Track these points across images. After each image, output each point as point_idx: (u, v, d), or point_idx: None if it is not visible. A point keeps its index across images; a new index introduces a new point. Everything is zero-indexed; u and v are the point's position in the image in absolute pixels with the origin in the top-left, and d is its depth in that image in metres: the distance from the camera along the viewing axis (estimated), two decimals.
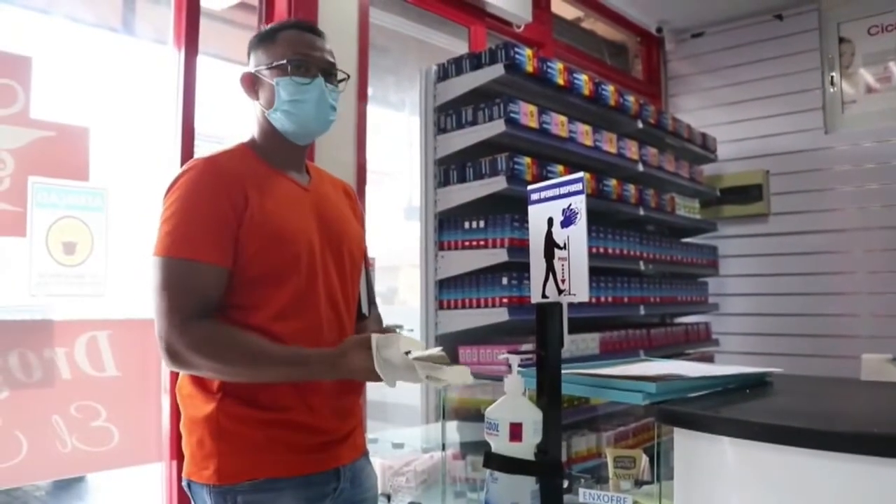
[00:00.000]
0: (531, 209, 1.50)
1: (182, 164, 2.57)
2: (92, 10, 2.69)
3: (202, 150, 2.69)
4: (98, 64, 2.60)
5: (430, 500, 2.41)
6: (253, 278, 1.53)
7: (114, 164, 2.45)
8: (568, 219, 1.41)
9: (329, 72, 1.68)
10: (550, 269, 1.45)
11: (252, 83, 1.69)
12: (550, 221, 1.45)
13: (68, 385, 2.29)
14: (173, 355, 1.46)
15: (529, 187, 1.50)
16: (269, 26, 1.73)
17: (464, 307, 3.19)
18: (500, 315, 3.04)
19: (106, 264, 2.37)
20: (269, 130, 1.68)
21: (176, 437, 2.49)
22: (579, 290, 1.38)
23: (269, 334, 1.52)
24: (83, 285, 2.31)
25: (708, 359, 4.63)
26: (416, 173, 3.38)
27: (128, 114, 2.62)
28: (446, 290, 3.25)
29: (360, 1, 3.24)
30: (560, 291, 1.41)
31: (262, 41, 1.68)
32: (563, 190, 1.42)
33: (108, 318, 2.39)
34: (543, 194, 1.47)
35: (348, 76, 1.74)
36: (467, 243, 3.18)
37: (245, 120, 3.02)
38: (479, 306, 3.15)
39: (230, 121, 3.06)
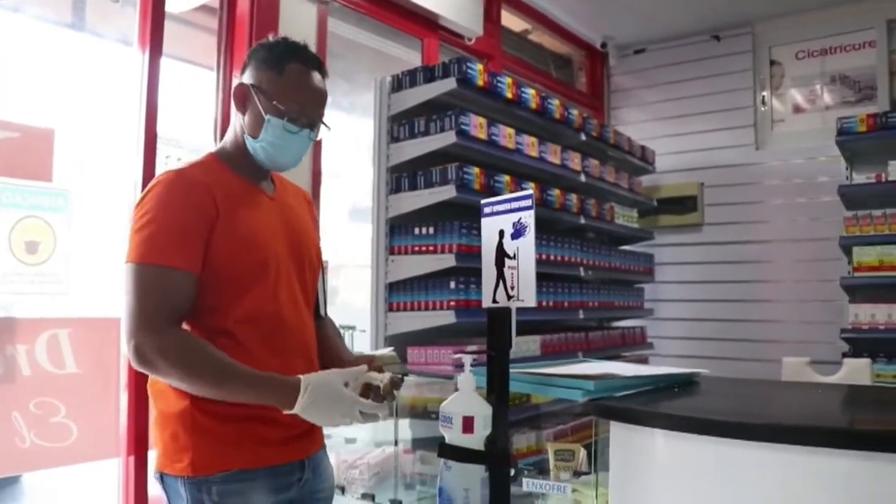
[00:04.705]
0: (484, 221, 1.62)
1: (144, 166, 2.65)
2: (57, 10, 2.72)
3: (163, 152, 2.75)
4: (62, 65, 2.63)
5: (382, 492, 2.53)
6: (224, 282, 1.61)
7: (77, 166, 2.50)
8: (518, 231, 1.54)
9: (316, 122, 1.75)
10: (501, 276, 1.57)
11: (244, 98, 1.71)
12: (501, 233, 1.58)
13: (28, 382, 2.33)
14: (141, 357, 1.51)
15: (483, 201, 1.62)
16: (277, 45, 1.72)
17: (413, 310, 3.30)
18: (447, 317, 3.17)
19: (68, 264, 2.42)
20: (242, 145, 1.74)
21: (134, 434, 2.57)
22: (527, 296, 1.51)
23: (236, 337, 1.60)
24: (45, 284, 2.36)
25: (643, 361, 4.82)
26: (363, 177, 3.46)
27: (92, 116, 2.65)
28: (396, 293, 3.36)
29: (319, 11, 3.33)
30: (509, 297, 1.54)
31: (268, 66, 1.69)
32: (514, 205, 1.55)
33: (68, 316, 2.44)
34: (496, 208, 1.59)
35: (329, 128, 1.79)
36: (417, 248, 3.29)
37: (202, 123, 3.10)
38: (427, 309, 3.26)
39: (188, 123, 3.12)
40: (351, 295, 4.28)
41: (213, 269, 1.59)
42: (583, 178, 4.14)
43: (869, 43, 5.01)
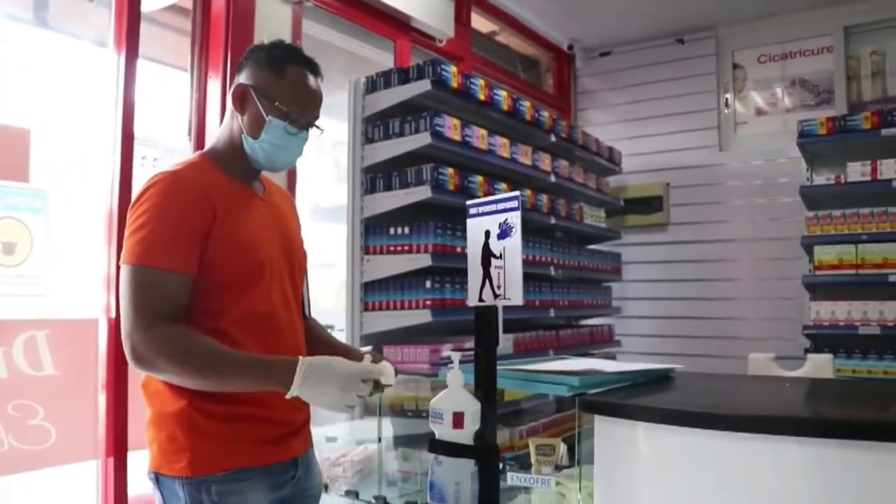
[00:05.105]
0: (470, 222, 1.66)
1: (122, 166, 2.64)
2: (30, 9, 2.69)
3: (138, 152, 2.74)
4: (38, 65, 2.61)
5: (365, 489, 2.56)
6: (221, 283, 1.61)
7: (54, 166, 2.48)
8: (504, 232, 1.59)
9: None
10: (487, 275, 1.61)
11: (243, 98, 1.71)
12: (487, 234, 1.62)
13: (6, 384, 2.31)
14: (138, 357, 1.51)
15: (468, 202, 1.65)
16: (277, 47, 1.74)
17: (388, 309, 3.33)
18: (423, 316, 3.20)
19: (45, 265, 2.40)
20: (238, 146, 1.74)
21: (113, 435, 2.55)
22: (514, 294, 1.55)
23: (232, 337, 1.61)
24: (22, 285, 2.34)
25: (611, 358, 4.90)
26: (326, 177, 3.46)
27: (69, 116, 2.63)
28: (371, 293, 3.38)
29: (294, 12, 3.35)
30: (496, 296, 1.58)
31: (269, 66, 1.70)
32: (500, 206, 1.59)
33: (46, 318, 2.41)
34: (482, 209, 1.63)
35: (322, 130, 1.81)
36: (392, 248, 3.32)
37: (174, 124, 3.09)
38: (402, 308, 3.29)
39: (160, 123, 3.10)
40: (313, 294, 4.29)
41: (210, 270, 1.60)
42: (553, 178, 4.20)
43: (827, 48, 5.17)
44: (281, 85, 1.70)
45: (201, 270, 1.59)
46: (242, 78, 1.73)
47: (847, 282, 4.36)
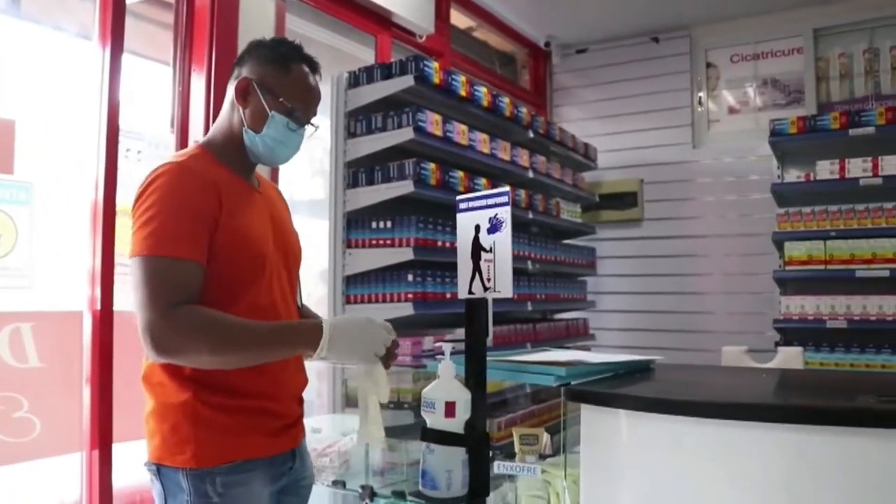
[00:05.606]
0: (460, 216, 1.70)
1: (107, 159, 2.63)
2: (13, 1, 2.68)
3: (122, 145, 2.74)
4: (24, 57, 2.59)
5: (351, 479, 2.59)
6: (224, 277, 1.62)
7: (40, 158, 2.47)
8: (494, 226, 1.63)
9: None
10: (477, 269, 1.66)
11: (247, 92, 1.73)
12: (477, 228, 1.66)
13: None
14: (160, 345, 1.49)
15: (458, 197, 1.69)
16: (281, 44, 1.78)
17: (370, 302, 3.36)
18: (405, 309, 3.23)
19: (30, 257, 2.39)
20: (237, 139, 1.76)
21: (98, 427, 2.56)
22: (503, 287, 1.60)
23: None
24: (7, 277, 2.33)
25: (586, 351, 4.97)
26: (301, 170, 3.48)
27: (54, 108, 2.62)
28: (353, 286, 3.41)
29: (277, 6, 3.36)
30: (486, 289, 1.62)
31: (274, 63, 1.74)
32: (490, 201, 1.64)
33: (31, 310, 2.41)
34: (471, 204, 1.67)
35: (317, 127, 1.84)
36: (374, 242, 3.35)
37: (158, 117, 3.08)
38: (384, 301, 3.32)
39: (141, 116, 3.10)
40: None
41: (214, 264, 1.60)
42: (531, 174, 4.26)
43: (797, 49, 5.29)
44: (285, 82, 1.73)
45: (206, 262, 1.60)
46: (245, 72, 1.75)
47: (816, 277, 4.47)
